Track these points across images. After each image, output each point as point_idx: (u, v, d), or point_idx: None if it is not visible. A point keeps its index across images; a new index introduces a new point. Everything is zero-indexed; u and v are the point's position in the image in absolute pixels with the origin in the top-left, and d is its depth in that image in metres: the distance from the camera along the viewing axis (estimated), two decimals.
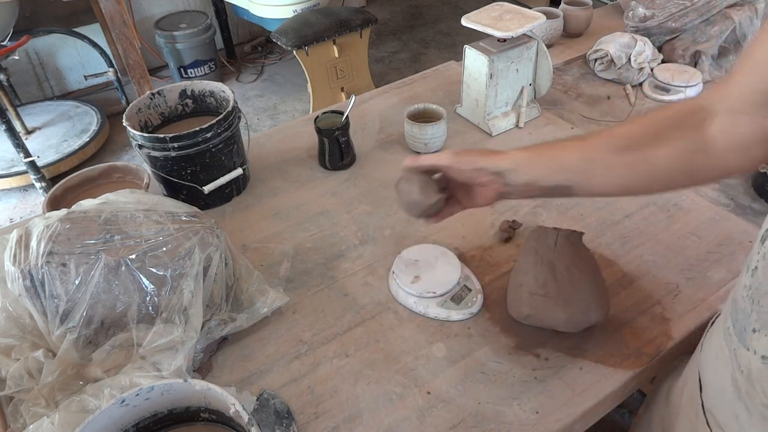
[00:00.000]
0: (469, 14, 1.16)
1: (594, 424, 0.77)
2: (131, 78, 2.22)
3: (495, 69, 1.16)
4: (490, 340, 0.82)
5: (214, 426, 0.66)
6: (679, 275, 0.89)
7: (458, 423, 0.72)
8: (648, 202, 1.03)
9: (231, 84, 3.29)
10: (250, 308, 0.83)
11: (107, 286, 0.72)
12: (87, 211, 0.77)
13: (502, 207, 1.04)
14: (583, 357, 0.78)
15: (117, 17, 2.05)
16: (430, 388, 0.76)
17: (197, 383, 0.60)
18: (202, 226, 0.80)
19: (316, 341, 0.83)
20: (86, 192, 1.04)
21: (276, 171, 1.18)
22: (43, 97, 3.13)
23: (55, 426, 0.64)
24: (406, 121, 1.15)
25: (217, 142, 1.02)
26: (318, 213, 1.06)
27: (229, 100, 1.07)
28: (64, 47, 3.09)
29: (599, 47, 1.40)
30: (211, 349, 0.81)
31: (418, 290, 0.86)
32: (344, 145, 1.13)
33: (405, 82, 1.44)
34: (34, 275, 0.70)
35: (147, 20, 3.23)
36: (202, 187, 1.04)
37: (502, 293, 0.87)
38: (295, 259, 0.97)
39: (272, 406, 0.74)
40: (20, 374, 0.71)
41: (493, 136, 1.23)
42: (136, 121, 1.07)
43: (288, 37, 2.45)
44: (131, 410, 0.61)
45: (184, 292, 0.75)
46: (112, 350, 0.73)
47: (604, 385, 0.75)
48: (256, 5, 2.76)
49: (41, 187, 2.39)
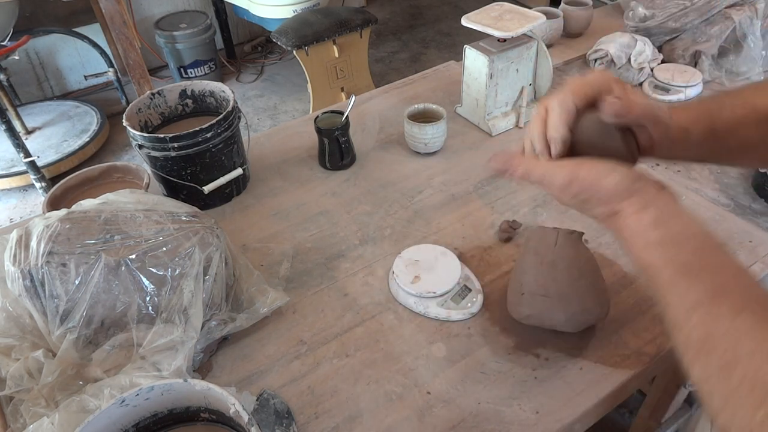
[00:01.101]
0: (469, 14, 1.16)
1: (594, 424, 0.77)
2: (131, 78, 2.22)
3: (495, 69, 1.16)
4: (489, 340, 0.82)
5: (214, 426, 0.66)
6: None
7: (458, 423, 0.72)
8: None
9: (231, 84, 3.29)
10: (250, 308, 0.83)
11: (107, 286, 0.72)
12: (87, 211, 0.77)
13: (502, 207, 1.04)
14: (583, 357, 0.78)
15: (117, 17, 2.05)
16: (430, 388, 0.76)
17: (197, 383, 0.60)
18: (202, 226, 0.80)
19: (316, 341, 0.83)
20: (86, 192, 1.04)
21: (276, 171, 1.18)
22: (43, 97, 3.12)
23: (55, 426, 0.64)
24: (406, 121, 1.15)
25: (217, 142, 1.02)
26: (318, 213, 1.06)
27: (229, 100, 1.07)
28: (64, 47, 3.09)
29: (599, 47, 1.40)
30: (211, 349, 0.81)
31: (418, 290, 0.86)
32: (344, 145, 1.13)
33: (405, 82, 1.44)
34: (34, 275, 0.70)
35: (147, 20, 3.23)
36: (202, 187, 1.04)
37: (502, 293, 0.87)
38: (295, 259, 0.97)
39: (272, 406, 0.74)
40: (20, 374, 0.71)
41: (493, 136, 1.23)
42: (136, 121, 1.07)
43: (288, 37, 2.45)
44: (131, 410, 0.61)
45: (184, 292, 0.75)
46: (112, 350, 0.73)
47: (604, 385, 0.75)
48: (256, 5, 2.76)
49: (41, 187, 2.39)
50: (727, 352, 0.38)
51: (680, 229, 0.45)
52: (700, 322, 0.40)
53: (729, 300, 0.40)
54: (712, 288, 0.41)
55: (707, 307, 0.41)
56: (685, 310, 0.42)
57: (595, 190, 0.49)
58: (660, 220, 0.46)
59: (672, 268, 0.44)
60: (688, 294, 0.42)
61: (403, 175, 1.14)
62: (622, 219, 0.48)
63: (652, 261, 0.45)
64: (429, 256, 0.91)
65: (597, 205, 0.50)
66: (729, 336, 0.38)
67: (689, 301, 0.42)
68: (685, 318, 0.42)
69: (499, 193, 1.08)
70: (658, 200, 0.47)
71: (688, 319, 0.41)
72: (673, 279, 0.43)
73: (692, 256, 0.44)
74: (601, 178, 0.49)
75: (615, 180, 0.48)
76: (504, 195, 1.07)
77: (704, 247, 0.44)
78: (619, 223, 0.49)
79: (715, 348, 0.39)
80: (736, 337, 0.38)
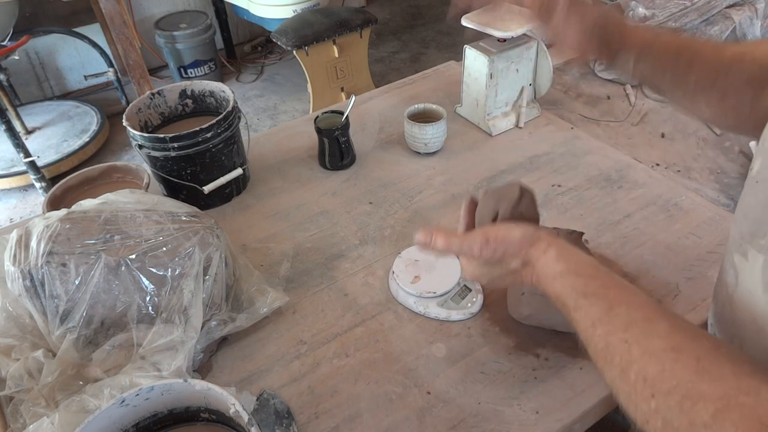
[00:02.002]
0: (469, 14, 1.16)
1: (594, 424, 0.77)
2: (131, 78, 2.22)
3: (495, 69, 1.16)
4: (490, 340, 0.82)
5: (214, 426, 0.66)
6: (679, 275, 0.89)
7: (458, 423, 0.72)
8: (648, 202, 1.03)
9: (231, 84, 3.29)
10: (250, 308, 0.83)
11: (107, 286, 0.72)
12: (87, 211, 0.77)
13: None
14: (583, 357, 0.78)
15: (117, 17, 2.05)
16: (430, 388, 0.76)
17: (197, 383, 0.60)
18: (202, 226, 0.80)
19: (316, 341, 0.83)
20: (86, 192, 1.04)
21: (276, 171, 1.18)
22: (43, 97, 3.12)
23: (55, 426, 0.64)
24: (406, 121, 1.15)
25: (217, 142, 1.02)
26: (318, 213, 1.06)
27: (229, 100, 1.07)
28: (64, 47, 3.09)
29: None
30: (211, 349, 0.81)
31: (418, 290, 0.86)
32: (344, 145, 1.13)
33: (405, 82, 1.44)
34: (34, 275, 0.70)
35: (147, 20, 3.23)
36: (202, 187, 1.04)
37: (502, 293, 0.87)
38: (295, 259, 0.97)
39: (272, 406, 0.74)
40: (20, 374, 0.71)
41: (493, 136, 1.23)
42: (136, 121, 1.07)
43: (288, 37, 2.45)
44: (131, 410, 0.61)
45: (184, 292, 0.75)
46: (112, 350, 0.73)
47: (604, 385, 0.74)
48: (256, 5, 2.76)
49: (41, 187, 2.39)
50: (623, 357, 0.45)
51: (576, 260, 0.55)
52: (601, 334, 0.48)
53: (621, 314, 0.48)
54: (607, 305, 0.50)
55: (604, 322, 0.49)
56: (590, 326, 0.50)
57: (508, 243, 0.58)
58: (560, 255, 0.55)
59: (575, 292, 0.52)
60: (590, 312, 0.50)
61: (403, 175, 1.14)
62: (533, 262, 0.57)
63: (561, 290, 0.54)
64: (429, 256, 0.91)
65: (512, 257, 0.59)
66: (622, 344, 0.46)
67: (590, 318, 0.50)
68: (590, 333, 0.50)
69: None
70: (555, 242, 0.57)
71: (592, 334, 0.49)
72: (577, 302, 0.52)
73: (589, 280, 0.53)
74: (509, 233, 0.59)
75: (520, 232, 0.58)
76: None
77: (597, 274, 0.54)
78: (532, 266, 0.58)
79: (613, 355, 0.47)
80: (628, 345, 0.46)
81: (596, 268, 0.54)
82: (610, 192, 1.06)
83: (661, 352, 0.44)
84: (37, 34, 2.72)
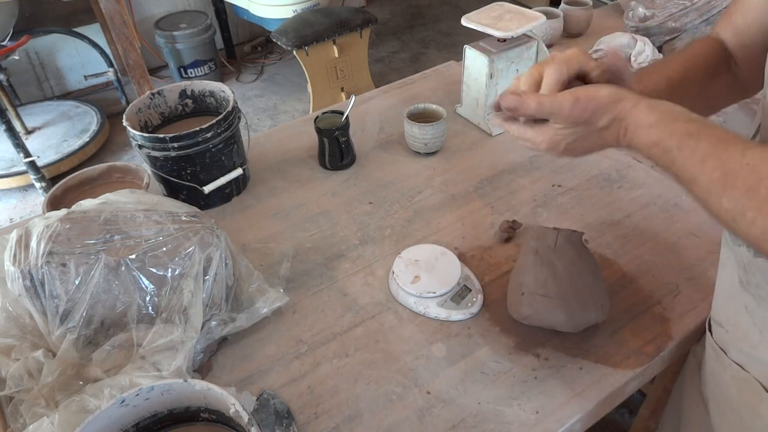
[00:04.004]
0: (469, 14, 1.16)
1: (594, 424, 0.77)
2: (131, 78, 2.21)
3: (495, 69, 1.16)
4: (490, 340, 0.82)
5: (214, 426, 0.66)
6: (679, 275, 0.89)
7: (458, 423, 0.72)
8: (648, 202, 1.03)
9: (231, 84, 3.29)
10: (250, 308, 0.83)
11: (107, 286, 0.72)
12: (87, 211, 0.77)
13: (502, 207, 1.04)
14: (583, 357, 0.78)
15: (117, 17, 2.05)
16: (430, 388, 0.76)
17: (197, 383, 0.60)
18: (202, 226, 0.80)
19: (316, 341, 0.83)
20: (86, 192, 1.04)
21: (276, 171, 1.18)
22: (43, 97, 3.13)
23: (55, 426, 0.64)
24: (406, 121, 1.15)
25: (217, 142, 1.02)
26: (318, 213, 1.06)
27: (229, 100, 1.07)
28: (64, 47, 3.09)
29: (599, 47, 1.40)
30: (211, 349, 0.81)
31: (418, 290, 0.86)
32: (344, 145, 1.13)
33: (405, 82, 1.44)
34: (34, 275, 0.70)
35: (147, 20, 3.23)
36: (202, 187, 1.04)
37: (502, 293, 0.87)
38: (295, 259, 0.97)
39: (272, 406, 0.74)
40: (20, 374, 0.71)
41: (493, 136, 1.23)
42: (136, 121, 1.07)
43: (288, 37, 2.45)
44: (131, 410, 0.61)
45: (184, 292, 0.75)
46: (112, 350, 0.73)
47: (604, 385, 0.75)
48: (256, 5, 2.76)
49: (41, 187, 2.39)
50: (749, 177, 0.47)
51: (668, 108, 0.55)
52: (715, 166, 0.49)
53: (731, 145, 0.49)
54: (715, 140, 0.50)
55: (717, 154, 0.49)
56: (699, 161, 0.50)
57: (598, 100, 0.57)
58: (651, 106, 0.55)
59: (677, 136, 0.52)
60: (697, 149, 0.51)
61: (403, 175, 1.14)
62: (624, 115, 0.56)
63: (659, 137, 0.54)
64: (429, 256, 0.91)
65: (602, 114, 0.57)
66: (744, 167, 0.47)
67: (700, 154, 0.50)
68: (700, 168, 0.50)
69: (499, 193, 1.08)
70: (642, 96, 0.57)
71: (703, 168, 0.50)
72: (680, 143, 0.52)
73: (688, 124, 0.53)
74: (598, 91, 0.57)
75: (608, 90, 0.57)
76: (504, 195, 1.07)
77: (691, 118, 0.54)
78: (622, 120, 0.57)
79: (735, 180, 0.47)
80: (751, 166, 0.47)
81: (689, 113, 0.55)
82: (610, 192, 1.06)
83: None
84: (37, 34, 2.72)
